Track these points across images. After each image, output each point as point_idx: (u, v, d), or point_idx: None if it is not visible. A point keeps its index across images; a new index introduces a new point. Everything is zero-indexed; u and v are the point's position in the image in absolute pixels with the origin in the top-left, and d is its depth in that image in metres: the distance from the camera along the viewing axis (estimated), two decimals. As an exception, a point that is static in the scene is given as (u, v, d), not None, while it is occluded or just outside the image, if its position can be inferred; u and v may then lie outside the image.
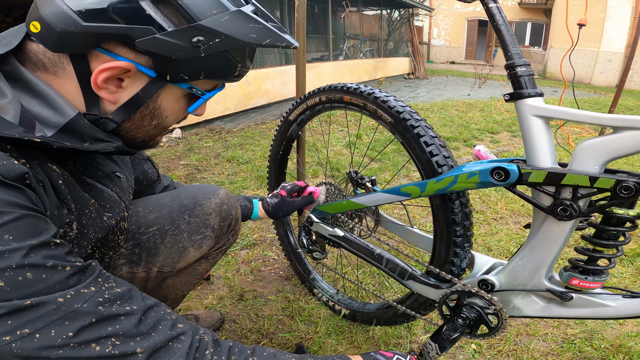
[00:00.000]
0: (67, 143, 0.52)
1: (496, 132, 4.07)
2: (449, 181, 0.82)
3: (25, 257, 0.43)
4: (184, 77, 0.56)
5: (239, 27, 0.53)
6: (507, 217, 2.10)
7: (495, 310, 0.83)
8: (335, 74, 7.46)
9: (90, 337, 0.46)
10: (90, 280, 0.49)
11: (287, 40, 0.58)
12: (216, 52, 0.54)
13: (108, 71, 0.52)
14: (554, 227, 0.73)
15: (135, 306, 0.52)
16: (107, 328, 0.47)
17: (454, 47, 18.86)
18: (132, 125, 0.59)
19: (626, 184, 0.64)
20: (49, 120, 0.52)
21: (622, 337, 1.23)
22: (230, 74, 0.58)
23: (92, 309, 0.47)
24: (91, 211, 0.61)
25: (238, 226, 1.02)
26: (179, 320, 0.56)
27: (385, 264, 1.03)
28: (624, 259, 1.68)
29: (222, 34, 0.52)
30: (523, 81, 0.77)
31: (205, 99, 0.62)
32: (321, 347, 1.18)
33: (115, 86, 0.55)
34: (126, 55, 0.52)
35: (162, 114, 0.61)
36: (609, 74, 11.19)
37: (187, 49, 0.52)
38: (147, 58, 0.53)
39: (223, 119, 4.66)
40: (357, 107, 1.05)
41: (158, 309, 0.55)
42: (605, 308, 0.71)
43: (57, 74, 0.53)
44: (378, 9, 9.88)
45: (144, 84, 0.56)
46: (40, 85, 0.52)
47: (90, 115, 0.55)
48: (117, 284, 0.52)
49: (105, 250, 0.67)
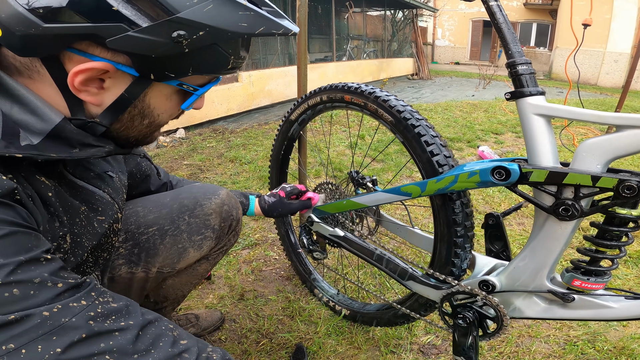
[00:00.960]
0: (52, 154, 0.49)
1: (500, 133, 4.04)
2: (449, 180, 0.82)
3: (11, 273, 0.41)
4: (169, 74, 0.51)
5: (225, 16, 0.47)
6: (510, 218, 2.09)
7: (496, 311, 0.82)
8: (338, 74, 7.45)
9: (80, 353, 0.43)
10: (82, 294, 0.46)
11: (284, 27, 0.52)
12: (202, 46, 0.48)
13: (83, 73, 0.47)
14: (556, 227, 0.72)
15: (131, 321, 0.48)
16: (100, 344, 0.44)
17: (459, 47, 18.80)
18: (122, 126, 0.56)
19: (629, 184, 0.62)
20: (33, 126, 0.48)
21: (626, 339, 1.21)
22: (223, 67, 0.53)
23: (81, 323, 0.44)
24: (82, 219, 0.59)
25: (239, 227, 1.01)
26: (182, 337, 0.52)
27: (385, 265, 1.03)
28: (628, 261, 1.65)
29: (206, 25, 0.46)
30: (524, 79, 0.76)
31: (198, 94, 0.58)
32: (321, 347, 1.18)
33: (96, 88, 0.50)
34: (101, 54, 0.47)
35: (153, 112, 0.56)
36: (615, 74, 11.11)
37: (167, 46, 0.46)
38: (125, 57, 0.48)
39: (226, 119, 4.67)
40: (358, 107, 1.05)
41: (159, 324, 0.51)
42: (607, 309, 0.70)
43: (33, 78, 0.49)
44: (382, 9, 9.87)
45: (128, 84, 0.51)
46: (19, 89, 0.48)
47: (77, 120, 0.52)
48: (113, 298, 0.49)
49: (99, 253, 0.66)
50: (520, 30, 16.23)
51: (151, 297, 1.01)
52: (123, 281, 0.85)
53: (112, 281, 0.84)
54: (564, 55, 11.45)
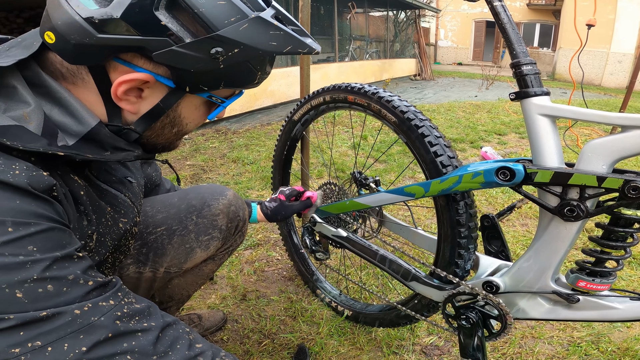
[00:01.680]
0: (88, 154, 0.51)
1: (503, 133, 4.03)
2: (453, 181, 0.81)
3: (47, 269, 0.42)
4: (203, 87, 0.54)
5: (258, 35, 0.50)
6: (514, 219, 2.08)
7: (499, 310, 0.81)
8: (341, 75, 7.45)
9: (104, 353, 0.43)
10: (110, 293, 0.47)
11: (309, 46, 0.55)
12: (236, 62, 0.51)
13: (127, 83, 0.50)
14: (561, 228, 0.72)
15: (153, 323, 0.49)
16: (123, 344, 0.45)
17: (461, 48, 18.76)
18: (153, 134, 0.58)
19: (635, 184, 0.62)
20: (71, 128, 0.50)
21: (630, 340, 1.21)
22: (250, 81, 0.56)
23: (108, 323, 0.45)
24: (107, 219, 0.61)
25: (245, 228, 1.02)
26: (197, 340, 0.54)
27: (388, 265, 1.02)
28: (633, 262, 1.64)
29: (241, 43, 0.49)
30: (529, 80, 0.75)
31: (224, 106, 0.61)
32: (323, 348, 1.18)
33: (135, 97, 0.53)
34: (144, 66, 0.50)
35: (183, 121, 0.59)
36: (619, 75, 11.05)
37: (205, 61, 0.49)
38: (165, 69, 0.51)
39: (229, 120, 4.68)
40: (361, 107, 1.05)
41: (177, 327, 0.53)
42: (612, 310, 0.69)
43: (77, 84, 0.51)
44: (384, 10, 9.86)
45: (164, 95, 0.54)
46: (62, 92, 0.50)
47: (113, 126, 0.54)
48: (136, 300, 0.51)
49: (117, 255, 0.67)
50: (523, 31, 16.16)
51: (156, 296, 1.01)
52: (131, 280, 0.85)
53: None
54: (568, 56, 11.40)
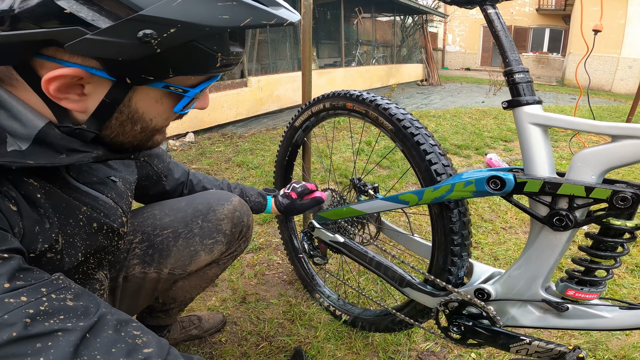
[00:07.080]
0: (40, 161, 0.47)
1: (510, 140, 4.01)
2: (445, 189, 0.83)
3: None
4: (147, 77, 0.46)
5: (200, 9, 0.42)
6: (517, 226, 2.07)
7: (488, 319, 0.82)
8: (347, 80, 7.48)
9: (4, 353, 0.38)
10: (26, 289, 0.41)
11: (277, 16, 0.46)
12: (177, 44, 0.43)
13: (57, 80, 0.44)
14: (550, 237, 0.73)
15: (82, 323, 0.43)
16: (35, 345, 0.39)
17: (469, 53, 18.69)
18: (112, 132, 0.53)
19: (623, 195, 0.63)
20: (20, 132, 0.46)
21: (627, 348, 1.20)
22: (210, 66, 0.48)
23: (14, 320, 0.39)
24: (78, 220, 0.58)
25: (249, 233, 1.04)
26: (148, 344, 0.47)
27: (383, 271, 1.04)
28: (635, 270, 1.63)
29: (177, 21, 0.41)
30: (521, 88, 0.77)
31: (190, 96, 0.53)
32: (319, 351, 1.19)
33: (77, 94, 0.47)
34: (71, 59, 0.44)
35: (144, 117, 0.53)
36: (630, 80, 10.92)
37: (134, 47, 0.42)
38: (95, 61, 0.44)
39: (235, 124, 4.73)
40: (359, 114, 1.06)
41: (122, 328, 0.46)
42: (601, 319, 0.70)
43: (15, 86, 0.47)
44: (391, 15, 9.88)
45: (107, 89, 0.48)
46: (3, 95, 0.46)
47: (64, 127, 0.49)
48: (75, 297, 0.45)
49: (102, 255, 0.67)
50: (532, 36, 16.08)
51: (160, 298, 1.04)
52: (136, 280, 0.88)
53: (126, 280, 0.87)
54: (577, 61, 11.29)
